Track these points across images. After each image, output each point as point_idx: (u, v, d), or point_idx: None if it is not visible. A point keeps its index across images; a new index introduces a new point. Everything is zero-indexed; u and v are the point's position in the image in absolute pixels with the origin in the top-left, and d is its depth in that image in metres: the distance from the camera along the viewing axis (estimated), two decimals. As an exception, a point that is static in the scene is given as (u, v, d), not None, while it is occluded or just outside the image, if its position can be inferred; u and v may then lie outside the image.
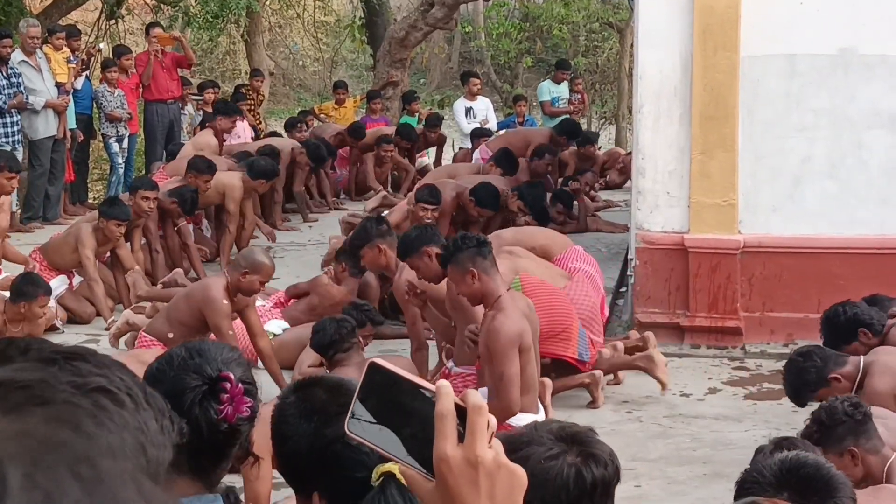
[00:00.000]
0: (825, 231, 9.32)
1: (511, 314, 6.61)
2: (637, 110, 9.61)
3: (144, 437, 1.10)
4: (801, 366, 6.17)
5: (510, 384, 6.52)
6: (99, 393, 1.09)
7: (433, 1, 17.20)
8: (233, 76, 28.59)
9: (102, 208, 10.07)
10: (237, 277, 7.85)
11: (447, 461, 1.36)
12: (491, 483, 1.37)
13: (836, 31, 9.19)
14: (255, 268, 7.88)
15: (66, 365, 1.10)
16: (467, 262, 6.65)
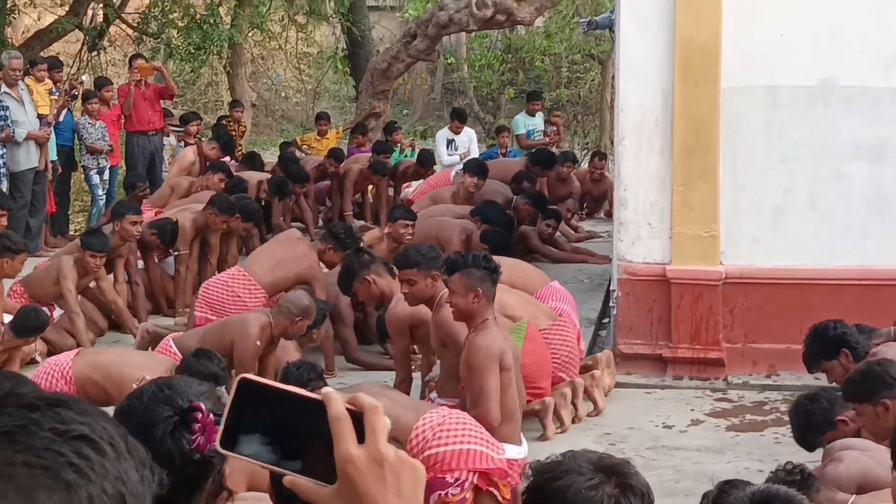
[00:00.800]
0: (807, 262, 9.34)
1: (492, 333, 6.65)
2: (619, 142, 9.64)
3: (125, 487, 1.09)
4: (808, 408, 6.15)
5: (489, 397, 6.53)
6: (81, 441, 1.09)
7: (415, 33, 17.24)
8: (215, 107, 28.60)
9: (82, 237, 10.04)
10: (287, 323, 7.88)
11: (353, 461, 1.37)
12: (397, 478, 1.39)
13: (816, 63, 9.24)
14: (306, 313, 7.93)
15: (48, 411, 1.10)
16: (476, 281, 6.68)
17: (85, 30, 19.75)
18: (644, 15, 9.40)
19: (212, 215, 11.12)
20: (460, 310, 6.78)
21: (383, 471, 1.38)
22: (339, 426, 1.37)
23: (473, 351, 6.60)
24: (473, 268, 6.74)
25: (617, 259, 9.65)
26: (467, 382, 6.73)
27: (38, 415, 1.09)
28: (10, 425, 1.07)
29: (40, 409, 1.09)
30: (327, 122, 18.12)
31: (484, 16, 16.01)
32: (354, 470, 1.37)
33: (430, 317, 7.57)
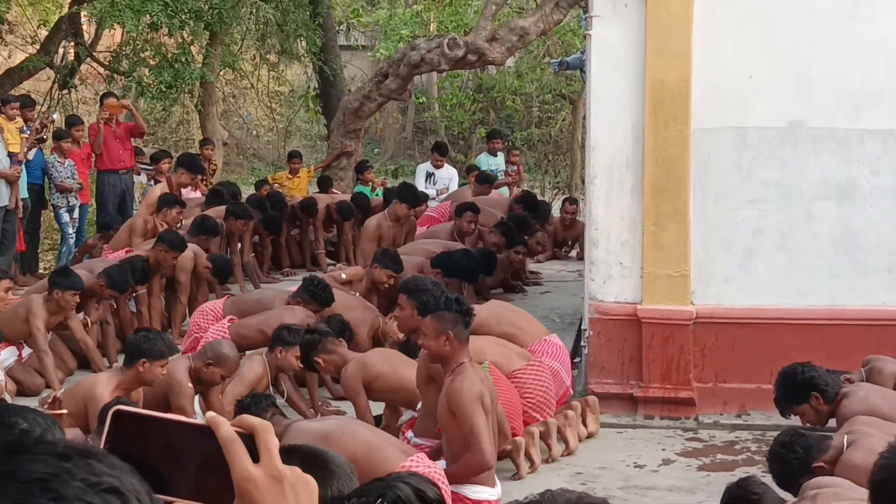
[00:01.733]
0: (777, 302, 9.39)
1: (470, 376, 6.64)
2: (590, 182, 9.67)
3: None
4: (785, 458, 6.15)
5: (481, 437, 6.53)
6: (111, 493, 1.11)
7: (387, 72, 17.28)
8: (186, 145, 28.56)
9: (56, 279, 9.94)
10: (200, 366, 7.88)
11: (252, 480, 1.39)
12: (295, 494, 1.43)
13: (785, 105, 9.33)
14: (220, 360, 7.95)
15: (80, 461, 1.11)
16: (448, 324, 6.67)
17: (56, 68, 19.71)
18: (615, 56, 9.47)
19: (161, 252, 11.09)
20: (432, 353, 6.77)
21: (283, 487, 1.41)
22: (232, 447, 1.39)
23: (456, 395, 6.58)
24: (445, 311, 6.74)
25: (588, 298, 9.67)
26: (449, 428, 6.71)
27: (70, 464, 1.10)
28: (44, 473, 1.08)
29: (72, 459, 1.11)
30: (299, 161, 18.14)
31: (455, 56, 16.06)
32: (254, 488, 1.39)
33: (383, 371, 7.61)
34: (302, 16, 20.43)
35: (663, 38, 9.31)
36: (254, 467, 1.40)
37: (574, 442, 8.63)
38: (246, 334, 9.58)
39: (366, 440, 6.08)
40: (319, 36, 20.69)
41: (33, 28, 22.39)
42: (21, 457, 1.11)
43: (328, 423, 6.25)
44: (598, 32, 9.52)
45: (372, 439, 6.12)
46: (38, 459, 1.10)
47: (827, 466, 5.99)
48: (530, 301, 13.26)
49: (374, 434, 6.29)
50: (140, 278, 10.81)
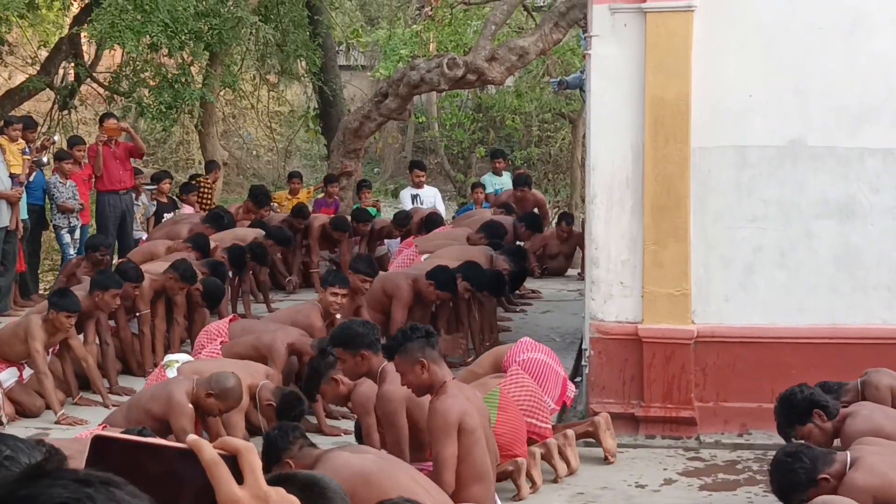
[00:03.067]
0: (777, 320, 9.38)
1: (451, 396, 6.59)
2: (590, 201, 9.67)
3: None
4: (790, 467, 6.13)
5: (443, 466, 6.46)
6: None
7: (387, 92, 17.29)
8: (186, 165, 28.60)
9: (52, 299, 9.93)
10: (201, 393, 7.82)
11: (237, 502, 1.39)
12: None
13: (784, 123, 9.33)
14: (223, 394, 7.87)
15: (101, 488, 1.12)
16: (417, 353, 6.63)
17: (56, 89, 19.74)
18: (614, 74, 9.48)
19: (171, 280, 11.10)
20: (416, 386, 6.73)
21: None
22: (216, 470, 1.38)
23: (432, 417, 6.55)
24: (407, 342, 6.71)
25: (589, 318, 9.65)
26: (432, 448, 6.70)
27: (91, 490, 1.11)
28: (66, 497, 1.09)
29: (94, 486, 1.11)
30: (299, 181, 18.15)
31: (455, 75, 16.07)
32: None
33: None
34: (302, 36, 20.47)
35: (663, 56, 9.32)
36: (239, 489, 1.39)
37: (575, 461, 8.62)
38: (240, 352, 9.56)
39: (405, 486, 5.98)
40: (319, 56, 20.72)
41: (33, 49, 22.44)
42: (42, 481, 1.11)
43: (369, 460, 6.08)
44: (597, 52, 9.54)
45: (410, 486, 6.02)
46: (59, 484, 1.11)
47: (831, 480, 5.98)
48: (531, 320, 13.28)
49: (413, 479, 6.19)
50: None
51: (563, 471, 8.48)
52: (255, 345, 9.58)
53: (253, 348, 9.57)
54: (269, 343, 9.50)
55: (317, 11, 21.32)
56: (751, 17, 9.32)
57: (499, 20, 16.84)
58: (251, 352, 9.52)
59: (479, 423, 6.75)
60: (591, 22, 9.60)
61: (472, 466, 6.59)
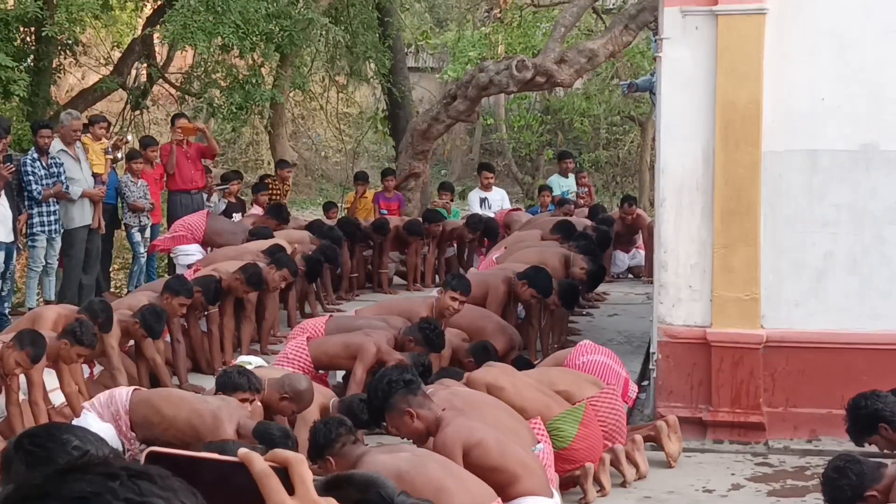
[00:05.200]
0: (848, 326, 9.29)
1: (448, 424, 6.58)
2: (659, 204, 9.64)
3: None
4: (837, 484, 6.07)
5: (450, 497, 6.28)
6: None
7: (455, 94, 17.33)
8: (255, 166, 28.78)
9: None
10: (275, 397, 7.86)
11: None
12: None
13: (857, 127, 9.24)
14: (296, 397, 7.89)
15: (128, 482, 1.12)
16: (402, 404, 6.63)
17: (128, 89, 19.96)
18: (685, 77, 9.44)
19: (237, 282, 11.20)
20: (415, 435, 6.70)
21: None
22: (268, 482, 1.39)
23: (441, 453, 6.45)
24: (389, 398, 6.66)
25: (657, 322, 9.62)
26: None
27: (116, 483, 1.11)
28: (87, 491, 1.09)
29: (120, 479, 1.11)
30: (364, 182, 18.19)
31: (524, 77, 16.07)
32: None
33: None
34: (371, 38, 20.54)
35: (734, 60, 9.27)
36: (290, 500, 1.40)
37: (644, 466, 8.59)
38: (327, 350, 9.60)
39: (437, 481, 5.99)
40: (389, 58, 20.78)
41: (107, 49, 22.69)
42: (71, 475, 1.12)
43: (402, 458, 6.10)
44: (668, 54, 9.51)
45: (443, 481, 6.03)
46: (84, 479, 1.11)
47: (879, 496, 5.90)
48: (597, 324, 13.25)
49: (448, 473, 6.20)
50: (212, 298, 10.91)
51: (632, 475, 8.46)
52: (347, 343, 9.60)
53: (343, 346, 9.58)
54: (360, 344, 9.48)
55: (387, 13, 21.39)
56: (823, 21, 9.24)
57: (568, 22, 16.83)
58: (340, 350, 9.55)
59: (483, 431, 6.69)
60: (662, 24, 9.58)
61: (503, 468, 6.57)
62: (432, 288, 14.62)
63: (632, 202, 16.66)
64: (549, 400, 8.25)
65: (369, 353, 9.25)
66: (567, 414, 8.08)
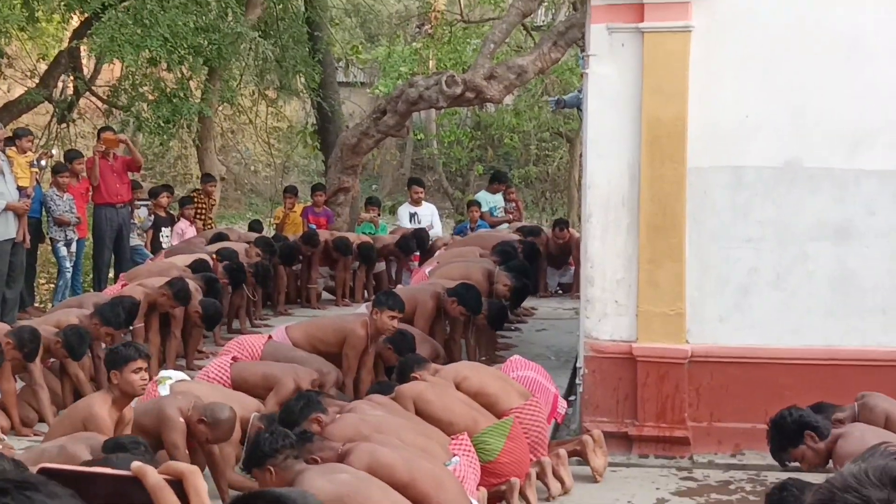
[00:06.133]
0: (772, 341, 9.37)
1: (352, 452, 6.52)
2: (586, 219, 9.68)
3: None
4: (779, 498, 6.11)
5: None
6: None
7: (385, 109, 17.32)
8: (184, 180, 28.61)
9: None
10: (193, 417, 7.78)
11: None
12: None
13: (781, 144, 9.34)
14: (215, 424, 7.79)
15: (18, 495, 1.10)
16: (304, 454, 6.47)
17: (55, 102, 19.75)
18: (611, 94, 9.49)
19: (164, 297, 11.11)
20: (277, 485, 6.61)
21: None
22: (161, 494, 1.40)
23: None
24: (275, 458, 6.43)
25: (584, 336, 9.65)
26: None
27: (7, 499, 1.10)
28: None
29: (10, 494, 1.10)
30: (293, 196, 18.15)
31: (453, 93, 16.09)
32: None
33: None
34: (301, 52, 20.50)
35: (660, 77, 9.33)
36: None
37: (569, 480, 8.61)
38: (247, 378, 9.51)
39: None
40: (318, 72, 20.75)
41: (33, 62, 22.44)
42: None
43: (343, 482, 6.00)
44: (595, 71, 9.55)
45: None
46: None
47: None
48: (526, 338, 13.28)
49: (388, 497, 6.15)
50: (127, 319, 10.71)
51: (557, 489, 8.48)
52: (267, 374, 9.50)
53: (262, 377, 9.49)
54: (278, 378, 9.37)
55: (317, 28, 21.35)
56: (748, 39, 9.33)
57: (497, 39, 16.88)
58: (259, 379, 9.45)
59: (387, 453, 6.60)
60: (589, 41, 9.63)
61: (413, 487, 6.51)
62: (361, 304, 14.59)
63: (563, 225, 16.71)
64: (477, 414, 8.26)
65: (286, 389, 9.19)
66: (494, 428, 8.09)
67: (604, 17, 9.47)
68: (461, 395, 8.37)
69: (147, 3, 16.27)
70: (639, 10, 9.34)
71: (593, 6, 9.48)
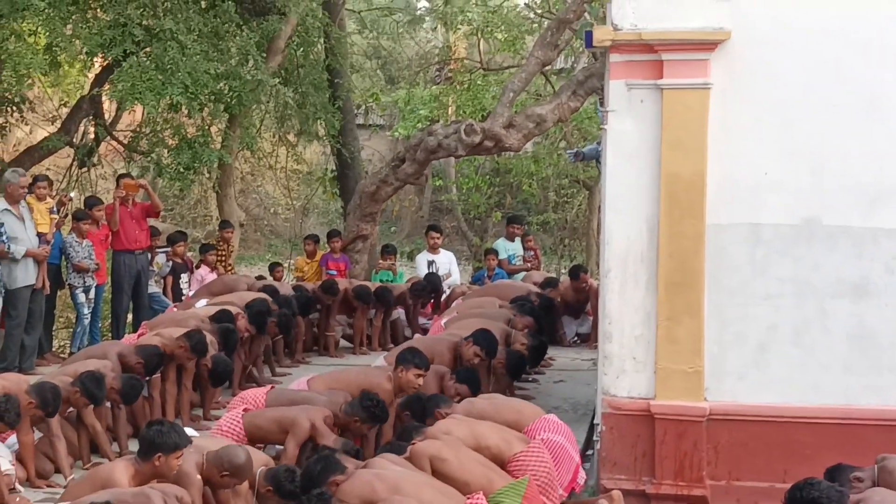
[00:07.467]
0: (790, 399, 9.32)
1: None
2: (604, 275, 9.66)
3: None
4: None
5: None
6: None
7: (404, 156, 17.36)
8: (204, 222, 28.68)
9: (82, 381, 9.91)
10: (214, 473, 7.77)
11: None
12: None
13: (799, 201, 9.32)
14: (236, 471, 7.81)
15: None
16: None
17: (75, 147, 19.86)
18: (630, 150, 9.49)
19: (181, 349, 11.12)
20: None
21: None
22: None
23: None
24: None
25: (601, 392, 9.62)
26: None
27: None
28: None
29: None
30: (315, 243, 18.17)
31: (472, 142, 16.13)
32: None
33: None
34: (321, 98, 20.56)
35: (679, 133, 9.33)
36: None
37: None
38: (261, 425, 9.51)
39: None
40: (338, 119, 20.80)
41: (54, 106, 22.58)
42: None
43: None
44: (613, 127, 9.55)
45: None
46: None
47: None
48: (543, 390, 13.23)
49: None
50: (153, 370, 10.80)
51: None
52: (280, 417, 9.48)
53: (276, 421, 9.47)
54: (293, 419, 9.37)
55: (336, 74, 21.43)
56: (767, 96, 9.33)
57: (517, 87, 16.93)
58: (273, 424, 9.44)
59: None
60: (608, 97, 9.63)
61: None
62: (379, 352, 14.58)
63: (583, 272, 16.66)
64: (493, 473, 8.25)
65: (302, 429, 9.18)
66: (509, 488, 8.06)
67: (623, 73, 9.47)
68: (476, 455, 8.35)
69: (168, 50, 16.34)
70: (658, 67, 9.34)
71: (612, 62, 9.49)
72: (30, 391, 9.41)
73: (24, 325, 13.39)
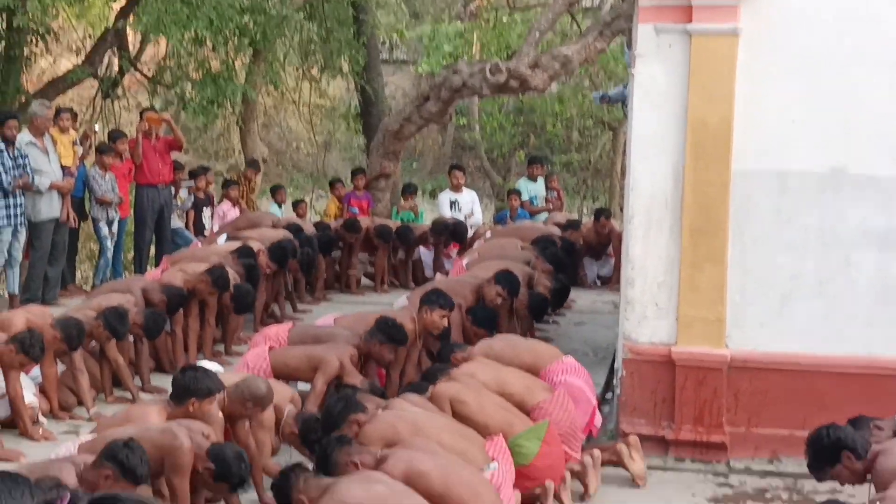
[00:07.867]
0: (813, 349, 9.30)
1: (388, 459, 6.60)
2: (628, 221, 9.63)
3: None
4: None
5: None
6: None
7: (428, 95, 17.29)
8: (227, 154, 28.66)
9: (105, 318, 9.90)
10: (237, 406, 7.80)
11: None
12: None
13: (827, 150, 9.24)
14: (258, 402, 7.84)
15: None
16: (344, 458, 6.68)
17: (100, 79, 19.83)
18: (657, 95, 9.41)
19: (202, 283, 11.15)
20: None
21: None
22: None
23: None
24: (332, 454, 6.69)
25: (623, 338, 9.62)
26: None
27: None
28: None
29: None
30: (342, 187, 18.12)
31: (497, 81, 16.06)
32: None
33: None
34: (346, 34, 20.47)
35: (706, 79, 9.26)
36: None
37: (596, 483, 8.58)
38: (288, 362, 9.53)
39: None
40: (363, 55, 20.71)
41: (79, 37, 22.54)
42: None
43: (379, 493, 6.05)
44: (641, 71, 9.48)
45: None
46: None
47: None
48: (563, 332, 13.24)
49: None
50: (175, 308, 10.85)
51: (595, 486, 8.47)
52: (310, 355, 9.51)
53: (306, 359, 9.49)
54: (322, 357, 9.38)
55: (361, 9, 21.32)
56: (796, 44, 9.23)
57: (543, 27, 16.82)
58: (302, 362, 9.45)
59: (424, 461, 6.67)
60: (636, 41, 9.56)
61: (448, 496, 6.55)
62: (400, 290, 14.62)
63: (606, 215, 16.63)
64: (512, 417, 8.26)
65: (331, 367, 9.20)
66: (530, 431, 8.08)
67: (652, 17, 9.39)
68: (497, 398, 8.37)
69: (194, -17, 16.29)
70: (687, 12, 9.26)
71: (641, 6, 9.41)
72: (54, 325, 9.45)
73: (48, 257, 13.45)
